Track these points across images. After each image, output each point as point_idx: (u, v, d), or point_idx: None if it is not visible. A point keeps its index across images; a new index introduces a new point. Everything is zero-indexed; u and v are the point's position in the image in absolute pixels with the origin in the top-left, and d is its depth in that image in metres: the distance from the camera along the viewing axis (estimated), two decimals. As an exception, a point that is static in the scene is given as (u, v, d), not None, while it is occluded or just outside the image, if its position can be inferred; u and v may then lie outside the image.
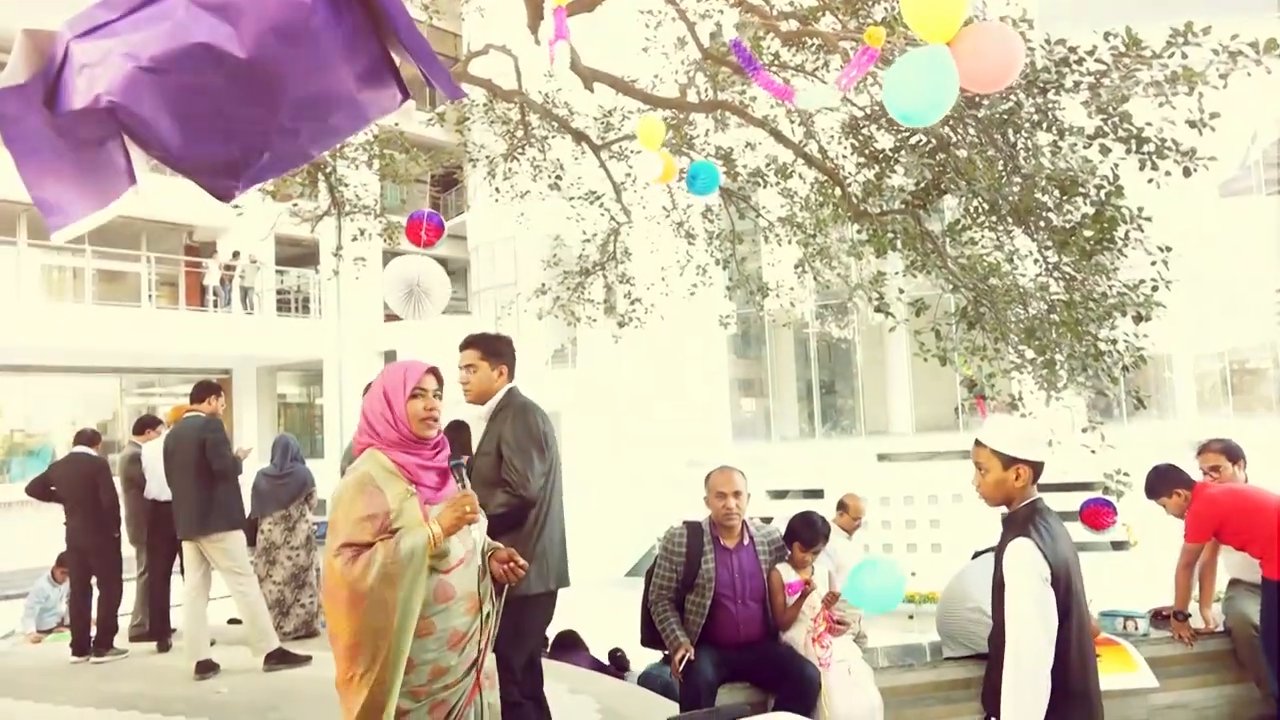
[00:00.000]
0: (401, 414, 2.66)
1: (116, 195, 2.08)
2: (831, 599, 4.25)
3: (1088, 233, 5.50)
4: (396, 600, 2.45)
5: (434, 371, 2.76)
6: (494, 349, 3.76)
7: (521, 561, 2.74)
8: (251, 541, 6.68)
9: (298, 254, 22.22)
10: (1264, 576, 4.51)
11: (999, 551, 2.92)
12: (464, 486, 2.68)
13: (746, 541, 4.42)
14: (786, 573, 4.45)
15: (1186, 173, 5.09)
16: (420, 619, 2.52)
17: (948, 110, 2.96)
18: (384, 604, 2.43)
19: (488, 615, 2.71)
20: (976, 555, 4.89)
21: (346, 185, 9.47)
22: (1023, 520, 2.85)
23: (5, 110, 2.07)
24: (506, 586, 2.78)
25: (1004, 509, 2.99)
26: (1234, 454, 4.93)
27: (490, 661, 2.77)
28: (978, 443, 2.97)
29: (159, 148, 2.00)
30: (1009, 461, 2.88)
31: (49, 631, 8.13)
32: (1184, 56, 4.88)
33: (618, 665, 7.48)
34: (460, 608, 2.61)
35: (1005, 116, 5.57)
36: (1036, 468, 2.89)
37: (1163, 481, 4.84)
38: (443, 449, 2.75)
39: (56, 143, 2.08)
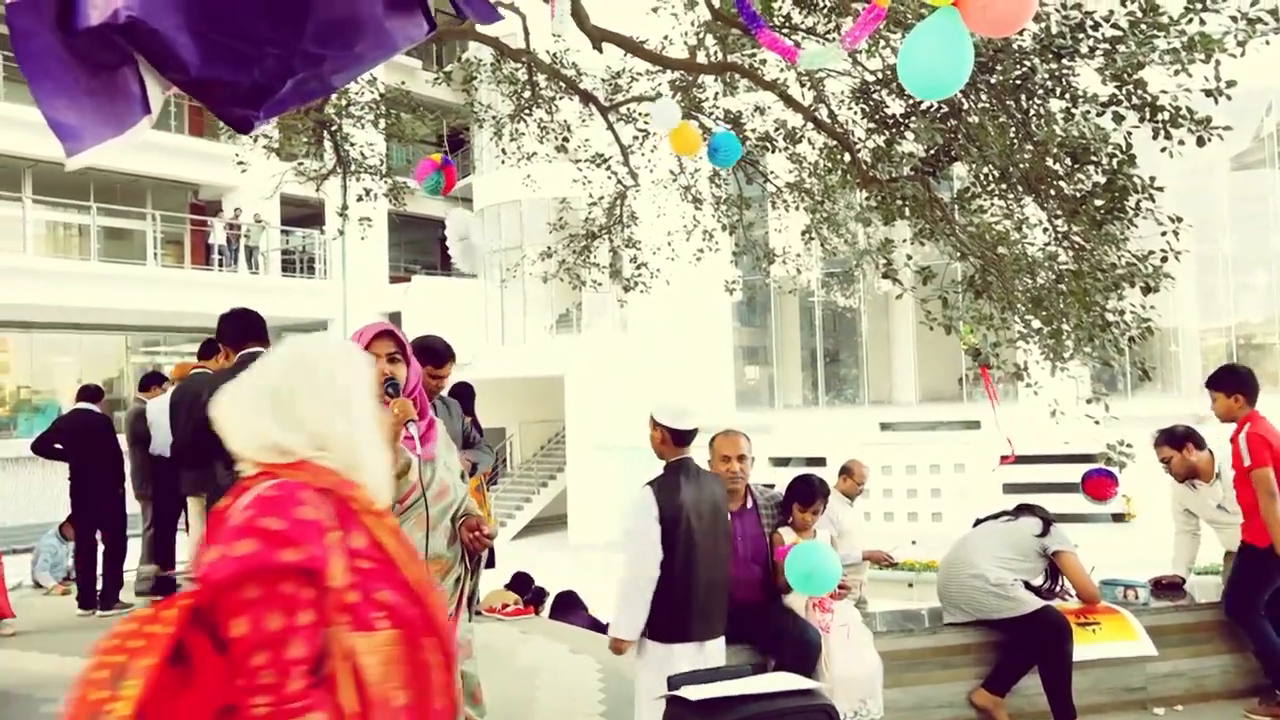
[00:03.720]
0: None
1: (132, 123, 2.00)
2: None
3: (1098, 202, 5.43)
4: None
5: (388, 334, 2.66)
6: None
7: (489, 530, 2.72)
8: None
9: (303, 214, 22.17)
10: (1243, 541, 4.54)
11: None
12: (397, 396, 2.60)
13: (749, 505, 4.42)
14: (788, 535, 4.46)
15: (1200, 141, 5.02)
16: None
17: (964, 82, 2.91)
18: None
19: (458, 580, 2.70)
20: (978, 523, 4.90)
21: (352, 144, 9.41)
22: (663, 472, 3.67)
23: (17, 25, 1.95)
24: (480, 555, 2.78)
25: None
26: (1200, 443, 4.91)
27: (464, 628, 2.76)
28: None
29: (177, 69, 1.90)
30: (653, 424, 3.69)
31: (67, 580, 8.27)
32: (1201, 23, 4.80)
33: None
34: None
35: (1018, 82, 5.49)
36: (672, 433, 3.65)
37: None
38: (423, 414, 2.69)
39: (70, 64, 1.97)
